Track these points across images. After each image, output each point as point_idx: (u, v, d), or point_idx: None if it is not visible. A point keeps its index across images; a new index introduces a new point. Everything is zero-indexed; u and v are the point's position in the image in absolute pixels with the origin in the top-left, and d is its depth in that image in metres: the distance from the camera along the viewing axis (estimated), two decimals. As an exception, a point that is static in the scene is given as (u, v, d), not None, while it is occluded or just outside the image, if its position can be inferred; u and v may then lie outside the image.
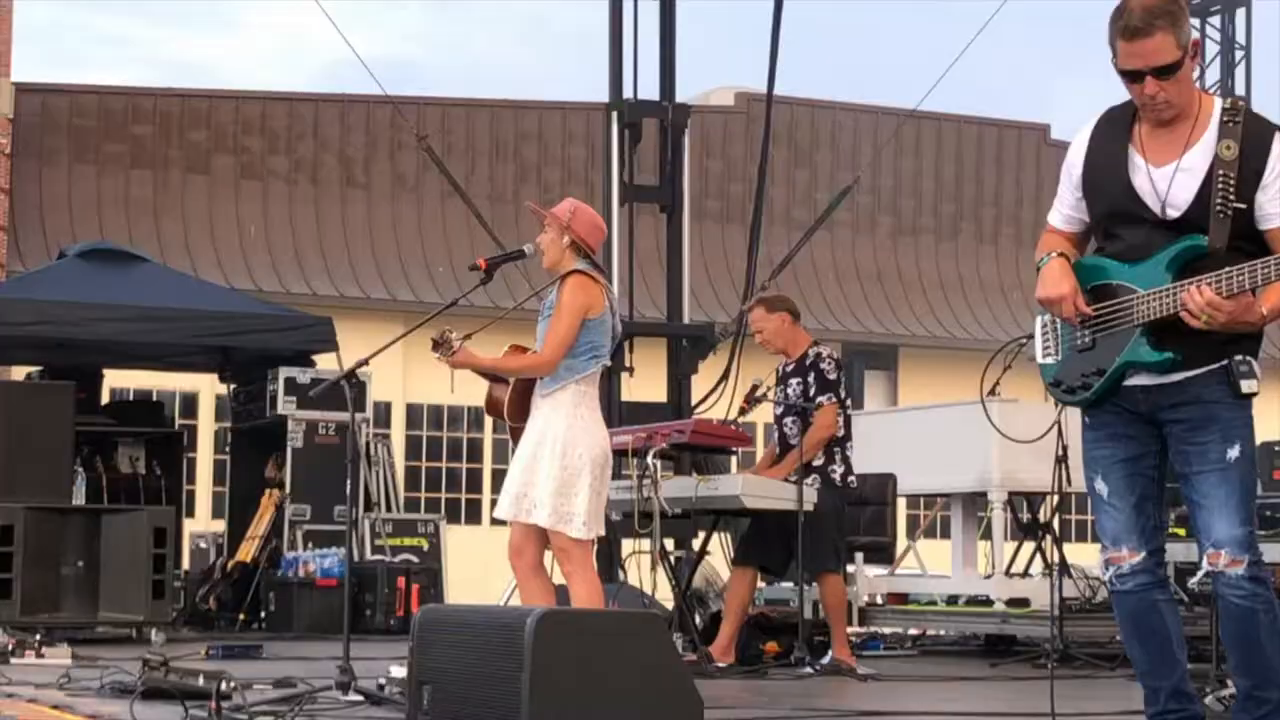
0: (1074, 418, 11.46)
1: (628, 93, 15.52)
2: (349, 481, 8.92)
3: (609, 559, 12.94)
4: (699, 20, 15.45)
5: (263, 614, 15.41)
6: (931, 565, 14.30)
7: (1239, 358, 5.38)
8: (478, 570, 18.46)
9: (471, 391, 28.37)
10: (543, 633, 4.46)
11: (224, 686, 6.61)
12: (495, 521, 16.29)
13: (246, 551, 16.17)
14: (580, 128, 31.38)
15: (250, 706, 6.59)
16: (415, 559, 16.00)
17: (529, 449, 8.18)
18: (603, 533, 8.46)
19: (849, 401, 10.66)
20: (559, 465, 8.05)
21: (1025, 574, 13.06)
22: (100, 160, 29.33)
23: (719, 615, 11.00)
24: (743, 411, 10.72)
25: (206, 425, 28.09)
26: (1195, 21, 25.21)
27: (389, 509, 16.57)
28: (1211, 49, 28.73)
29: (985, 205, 34.08)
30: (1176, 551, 9.44)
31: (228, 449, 18.18)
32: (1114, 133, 5.70)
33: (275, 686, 8.53)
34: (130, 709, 7.24)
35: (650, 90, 15.67)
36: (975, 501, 12.98)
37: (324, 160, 30.69)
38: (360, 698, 7.99)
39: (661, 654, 4.55)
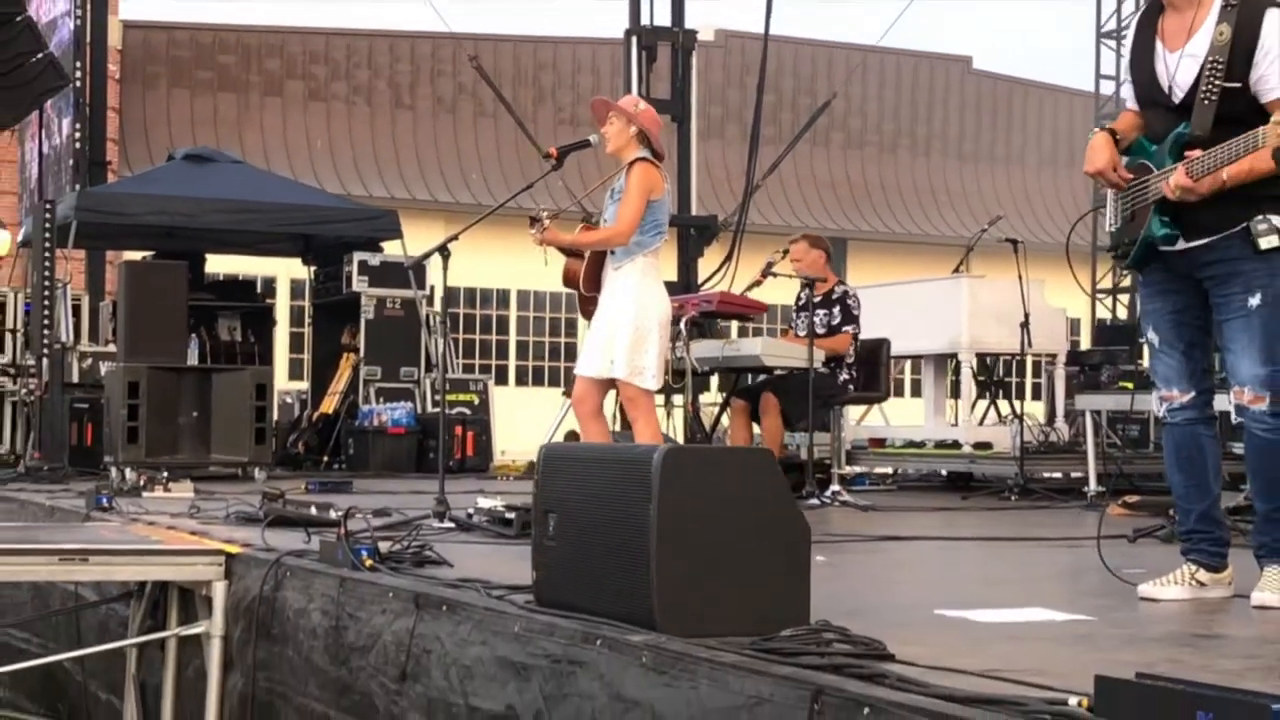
0: (1033, 291, 11.06)
1: (644, 20, 14.98)
2: (440, 341, 8.36)
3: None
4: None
5: (342, 456, 15.06)
6: (896, 419, 13.94)
7: (1259, 218, 4.92)
8: (508, 422, 18.25)
9: (498, 276, 27.96)
10: (668, 467, 3.95)
11: (345, 516, 6.10)
12: (520, 382, 16.03)
13: (329, 405, 15.77)
14: (588, 59, 31.05)
15: (365, 532, 6.08)
16: (468, 411, 15.56)
17: (607, 314, 7.77)
18: (658, 384, 8.10)
19: (859, 332, 10.39)
20: (633, 325, 7.67)
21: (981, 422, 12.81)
22: (192, 85, 28.95)
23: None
24: (757, 284, 10.26)
25: (283, 303, 27.64)
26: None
27: (445, 370, 16.07)
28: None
29: (919, 124, 33.63)
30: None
31: (308, 321, 17.72)
32: (1147, 21, 5.26)
33: (374, 515, 8.12)
34: (261, 534, 6.79)
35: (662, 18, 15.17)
36: (945, 362, 12.61)
37: (376, 85, 30.35)
38: (452, 525, 7.61)
39: (771, 485, 4.05)
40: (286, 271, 25.56)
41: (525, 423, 18.22)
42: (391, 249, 15.79)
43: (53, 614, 8.07)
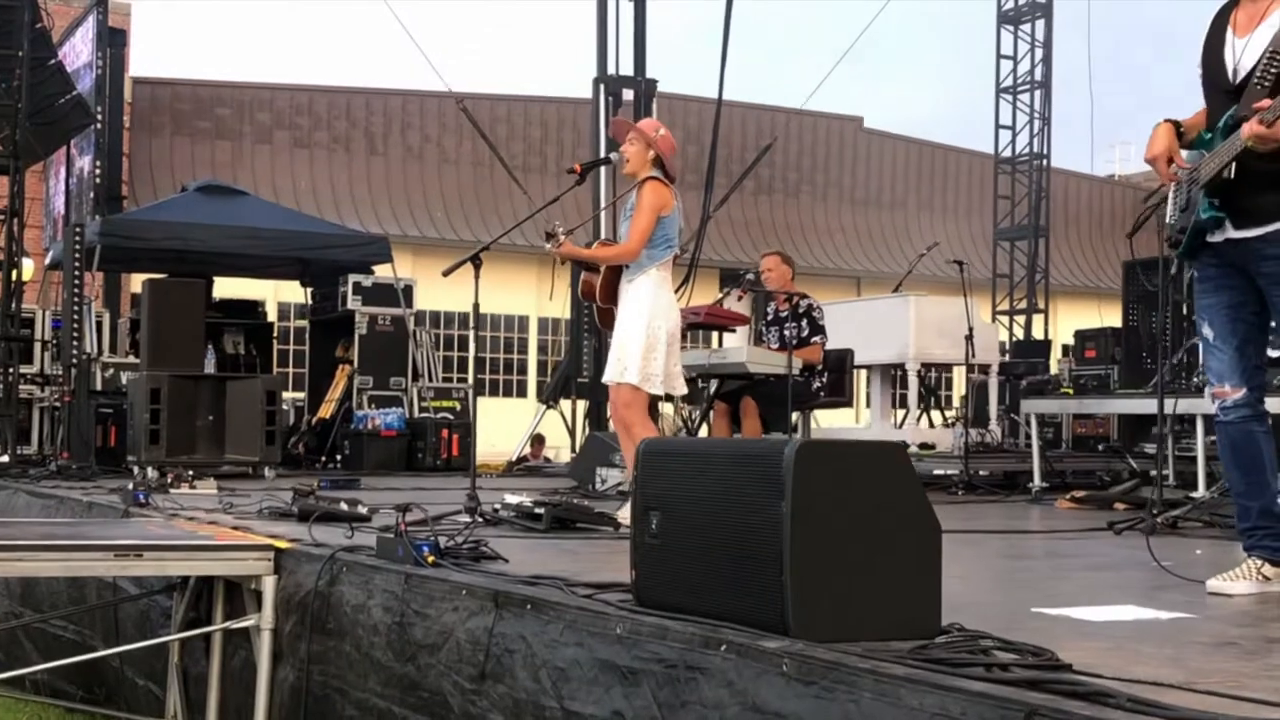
0: (975, 306, 10.31)
1: (610, 71, 14.16)
2: (473, 346, 7.47)
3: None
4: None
5: (339, 457, 14.12)
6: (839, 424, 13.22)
7: None
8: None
9: (462, 301, 27.22)
10: (802, 461, 3.10)
11: (403, 511, 5.22)
12: (480, 394, 15.26)
13: (326, 410, 14.82)
14: (537, 114, 30.35)
15: (423, 528, 5.21)
16: (452, 416, 14.64)
17: (621, 326, 6.98)
18: (683, 390, 7.31)
19: (827, 341, 9.62)
20: (645, 333, 6.91)
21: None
22: (193, 133, 27.87)
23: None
24: (739, 298, 9.48)
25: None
26: None
27: (430, 379, 15.19)
28: None
29: (818, 173, 32.98)
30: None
31: (306, 337, 16.77)
32: (1223, 13, 4.45)
33: (398, 510, 7.22)
34: (309, 530, 5.90)
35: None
36: (891, 372, 11.86)
37: (354, 135, 29.43)
38: (480, 520, 6.73)
39: (903, 480, 3.20)
40: (275, 295, 24.59)
41: (489, 429, 17.37)
42: (382, 271, 14.93)
43: (101, 606, 7.09)
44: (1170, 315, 9.80)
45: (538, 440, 17.52)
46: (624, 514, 6.78)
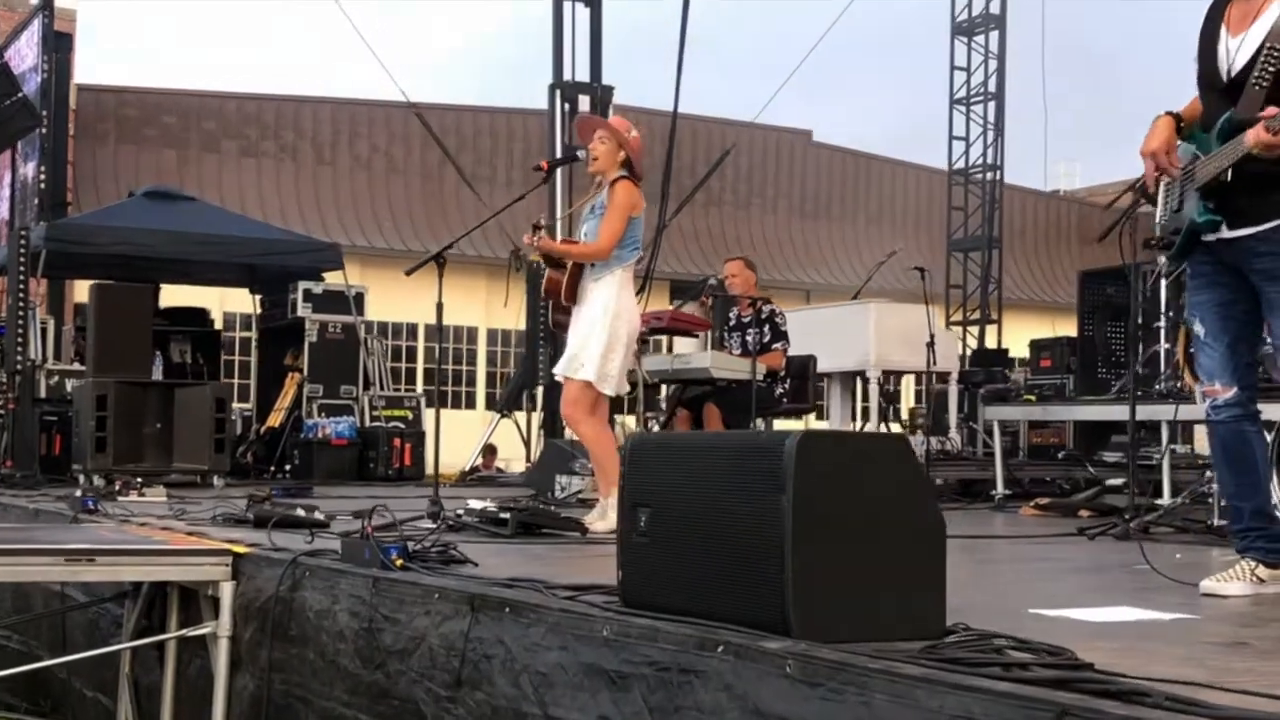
0: (935, 314, 10.22)
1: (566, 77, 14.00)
2: (375, 360, 7.29)
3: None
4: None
5: (288, 467, 13.81)
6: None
7: None
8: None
9: (408, 312, 26.66)
10: (804, 454, 2.94)
11: (369, 515, 5.04)
12: (428, 405, 15.06)
13: (275, 419, 14.50)
14: (486, 124, 30.13)
15: (381, 531, 5.04)
16: (403, 425, 14.41)
17: (583, 321, 6.81)
18: (625, 391, 7.16)
19: (789, 347, 9.53)
20: (607, 333, 6.76)
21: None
22: (138, 141, 27.39)
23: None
24: (702, 303, 9.35)
25: (218, 333, 26.44)
26: None
27: (381, 388, 14.94)
28: None
29: (768, 186, 32.93)
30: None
31: (252, 347, 16.50)
32: (1217, 8, 4.33)
33: (355, 517, 7.04)
34: (268, 535, 5.70)
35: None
36: (852, 379, 11.74)
37: (301, 145, 29.02)
38: (441, 525, 6.53)
39: (908, 475, 3.07)
40: (220, 305, 24.24)
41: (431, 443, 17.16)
42: (333, 279, 14.68)
43: (48, 615, 6.85)
44: (1140, 322, 9.74)
45: (489, 451, 17.32)
46: (591, 519, 6.64)
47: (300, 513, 6.79)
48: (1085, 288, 13.54)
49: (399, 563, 4.50)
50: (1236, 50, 4.19)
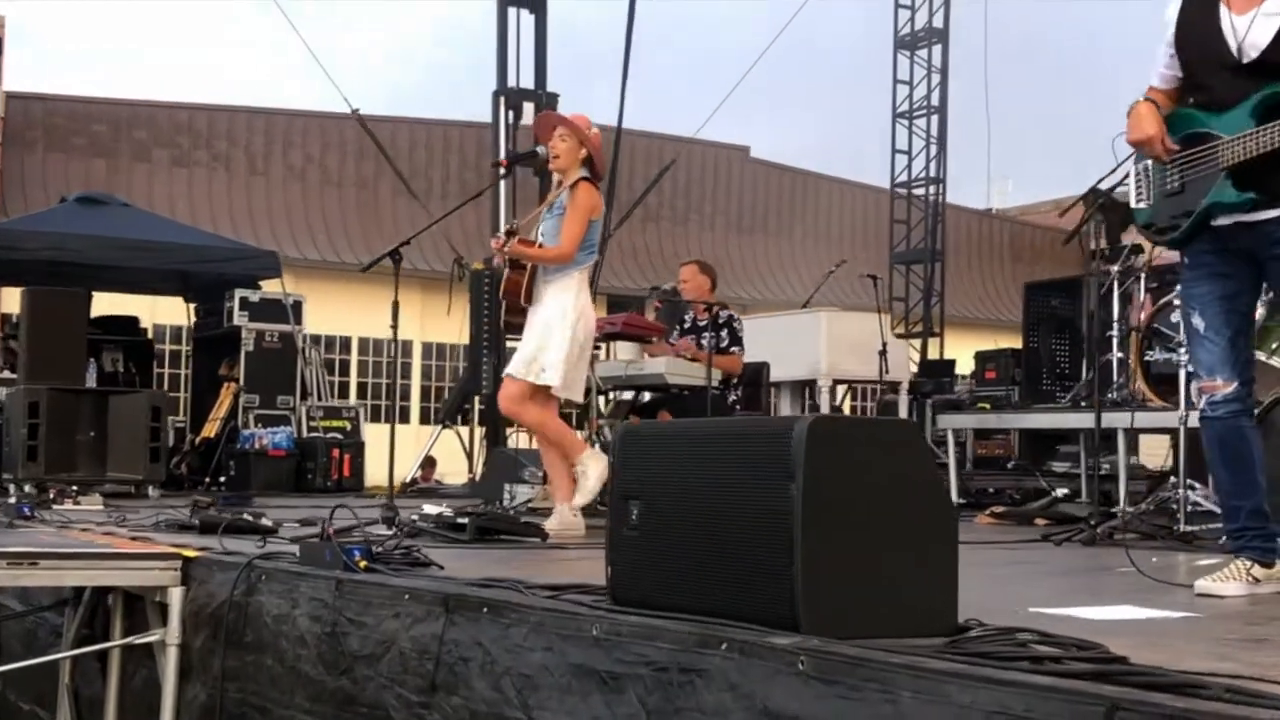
0: (886, 322, 10.12)
1: (511, 83, 13.81)
2: (314, 372, 7.08)
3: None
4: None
5: (223, 478, 13.52)
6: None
7: None
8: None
9: (342, 324, 26.36)
10: (814, 439, 2.78)
11: (330, 514, 4.84)
12: (372, 418, 14.91)
13: (210, 430, 14.20)
14: (423, 137, 29.82)
15: (354, 533, 4.84)
16: (341, 436, 14.14)
17: (540, 325, 6.65)
18: (580, 397, 7.02)
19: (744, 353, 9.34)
20: (570, 340, 6.64)
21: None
22: (68, 150, 26.82)
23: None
24: (656, 311, 9.20)
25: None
26: None
27: (319, 398, 14.68)
28: None
29: (705, 201, 32.85)
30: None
31: (183, 357, 16.18)
32: None
33: (302, 525, 6.82)
34: (219, 540, 5.48)
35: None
36: (803, 388, 11.62)
37: (234, 155, 28.54)
38: (395, 532, 6.33)
39: (919, 461, 2.91)
40: (150, 316, 23.83)
41: (374, 455, 16.88)
42: (270, 287, 14.39)
43: (-16, 623, 6.56)
44: (1093, 328, 9.69)
45: (429, 463, 17.05)
46: (551, 524, 6.47)
47: (248, 518, 6.56)
48: (1030, 300, 13.53)
49: (363, 564, 4.30)
50: (1248, 28, 4.05)
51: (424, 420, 28.15)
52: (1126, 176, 4.52)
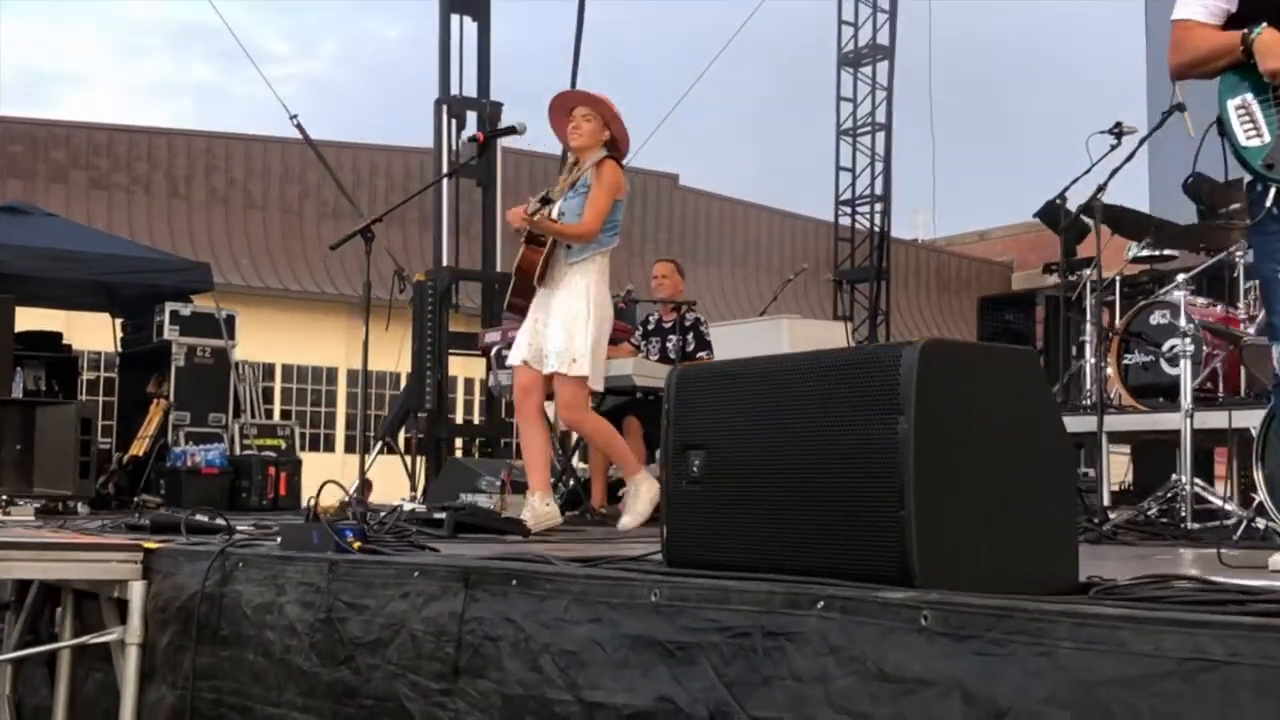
0: (839, 330, 9.85)
1: (454, 91, 13.42)
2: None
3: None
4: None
5: (154, 496, 12.94)
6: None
7: None
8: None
9: (267, 351, 25.72)
10: (927, 367, 2.43)
11: (318, 492, 4.42)
12: (315, 433, 14.48)
13: (139, 447, 13.60)
14: (349, 160, 29.31)
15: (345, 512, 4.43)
16: (276, 454, 13.61)
17: (564, 311, 6.28)
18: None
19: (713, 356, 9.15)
20: (595, 329, 6.32)
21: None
22: (-20, 171, 26.12)
23: (588, 482, 9.05)
24: (619, 311, 8.84)
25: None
26: None
27: (253, 416, 14.16)
28: None
29: (635, 226, 32.61)
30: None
31: (103, 369, 15.57)
32: None
33: (255, 528, 6.38)
34: (183, 533, 5.04)
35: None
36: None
37: (155, 177, 27.88)
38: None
39: (1039, 396, 2.56)
40: (70, 334, 23.14)
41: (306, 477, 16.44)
42: (201, 301, 13.88)
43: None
44: (1067, 336, 9.47)
45: (365, 486, 16.52)
46: (525, 515, 6.12)
47: (203, 518, 6.11)
48: (984, 315, 13.37)
49: (356, 545, 3.90)
50: None
51: (349, 449, 27.57)
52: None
